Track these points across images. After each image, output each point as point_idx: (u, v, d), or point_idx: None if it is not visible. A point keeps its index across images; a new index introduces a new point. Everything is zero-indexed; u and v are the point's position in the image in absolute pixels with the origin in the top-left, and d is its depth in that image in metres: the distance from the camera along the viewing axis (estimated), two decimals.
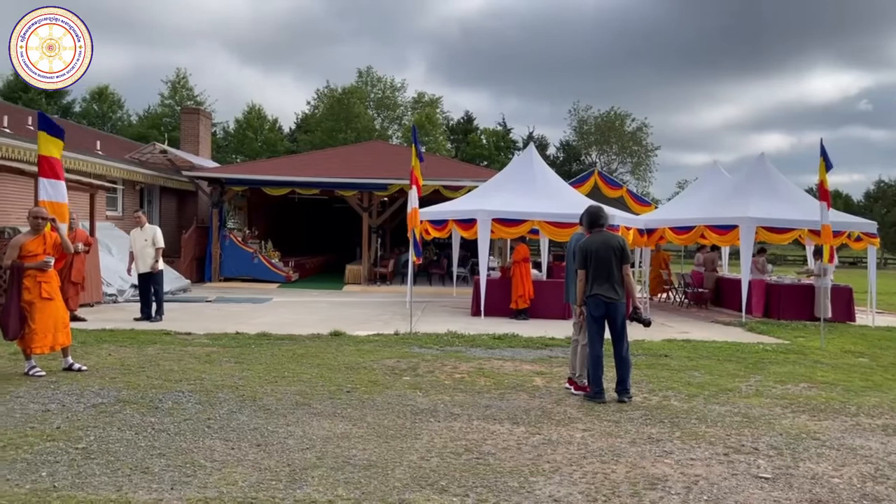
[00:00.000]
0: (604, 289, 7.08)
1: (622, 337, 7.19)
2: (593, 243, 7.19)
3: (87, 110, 49.15)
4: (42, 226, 7.98)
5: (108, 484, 4.51)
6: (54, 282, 7.83)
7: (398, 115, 58.06)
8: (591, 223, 7.34)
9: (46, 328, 7.64)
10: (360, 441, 5.55)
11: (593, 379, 7.15)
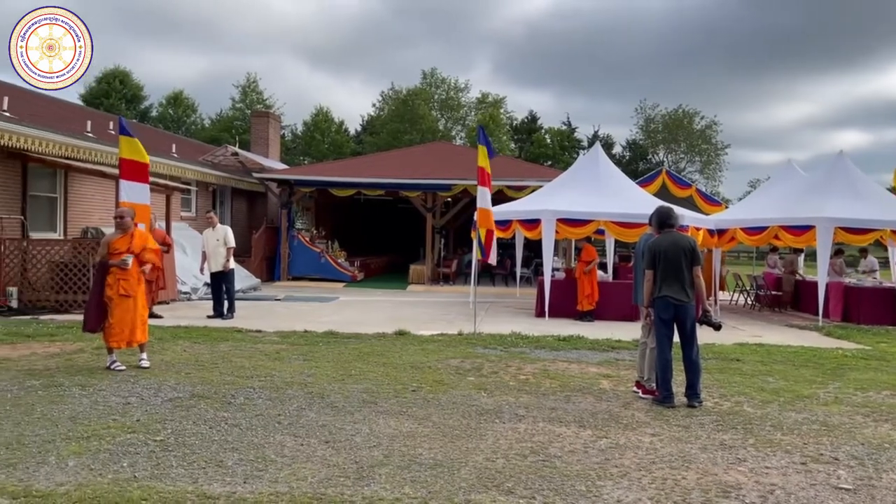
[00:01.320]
0: (673, 290, 6.93)
1: (692, 340, 7.02)
2: (663, 244, 7.05)
3: (163, 114, 51.03)
4: (125, 225, 8.28)
5: (185, 476, 4.67)
6: (133, 280, 8.10)
7: (462, 115, 58.17)
8: (660, 223, 7.20)
9: (123, 323, 7.97)
10: (425, 440, 5.59)
11: (662, 383, 7.00)
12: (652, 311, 7.09)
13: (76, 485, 4.43)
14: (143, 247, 8.22)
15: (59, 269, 13.10)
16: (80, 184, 15.21)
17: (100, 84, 46.93)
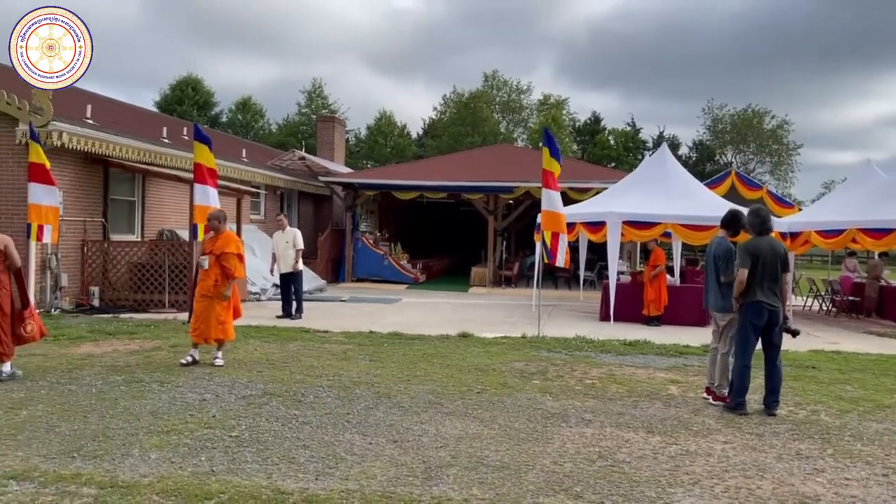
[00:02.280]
0: (767, 296, 6.76)
1: (778, 346, 6.86)
2: (763, 247, 6.86)
3: (232, 120, 52.54)
4: (212, 227, 8.62)
5: (259, 471, 4.82)
6: (209, 281, 8.41)
7: (524, 117, 57.95)
8: (759, 227, 7.00)
9: (199, 321, 8.35)
10: (492, 442, 5.61)
11: (739, 390, 6.83)
12: (737, 315, 6.94)
13: (158, 477, 4.62)
14: (222, 250, 8.46)
15: (137, 270, 13.66)
16: (156, 187, 15.82)
17: (173, 91, 48.68)
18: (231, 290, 8.46)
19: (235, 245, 8.58)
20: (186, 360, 8.29)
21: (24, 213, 11.73)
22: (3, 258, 7.48)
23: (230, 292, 8.44)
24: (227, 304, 8.49)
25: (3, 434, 5.45)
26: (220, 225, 8.63)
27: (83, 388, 7.02)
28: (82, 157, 13.44)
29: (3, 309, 7.40)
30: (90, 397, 6.66)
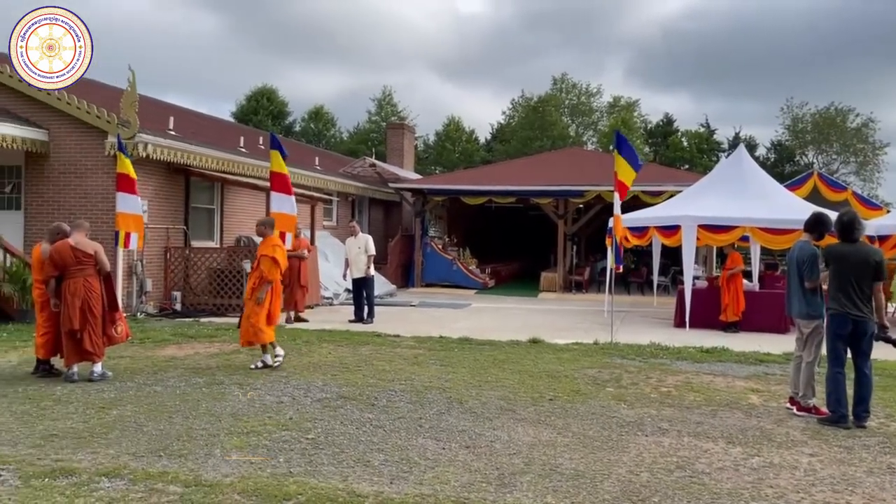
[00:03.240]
0: (851, 306, 6.47)
1: (867, 355, 6.55)
2: (849, 254, 6.58)
3: (305, 129, 53.76)
4: (262, 232, 8.86)
5: (335, 474, 4.90)
6: (249, 285, 8.77)
7: (593, 120, 57.19)
8: (846, 233, 6.72)
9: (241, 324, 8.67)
10: (565, 450, 5.55)
11: (835, 402, 6.53)
12: (821, 324, 6.67)
13: (239, 477, 4.76)
14: (259, 253, 8.70)
15: (217, 275, 14.13)
16: (234, 195, 16.34)
17: (249, 102, 50.18)
18: (265, 293, 8.50)
19: (272, 248, 8.63)
20: (257, 364, 8.51)
21: (112, 221, 12.31)
22: (94, 263, 7.87)
23: (264, 296, 8.49)
24: (259, 308, 8.51)
25: (95, 433, 5.73)
26: (265, 230, 8.86)
27: (168, 390, 7.31)
28: (165, 167, 14.02)
29: (94, 312, 7.79)
30: (174, 398, 6.92)
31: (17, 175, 13.61)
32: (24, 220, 13.50)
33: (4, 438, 5.55)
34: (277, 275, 8.62)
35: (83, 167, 13.22)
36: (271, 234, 8.93)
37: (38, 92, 13.01)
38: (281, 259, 8.64)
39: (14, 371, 8.21)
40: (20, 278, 11.58)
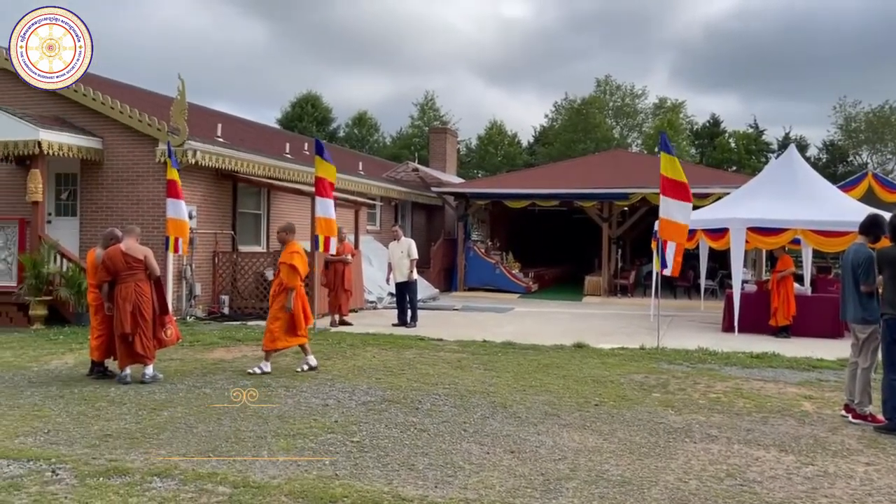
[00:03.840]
0: None
1: None
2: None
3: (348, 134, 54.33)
4: (283, 239, 8.94)
5: (381, 477, 4.92)
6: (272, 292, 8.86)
7: (638, 122, 56.50)
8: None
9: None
10: (611, 456, 5.48)
11: (891, 409, 6.32)
12: (878, 329, 6.46)
13: (286, 479, 4.82)
14: (279, 262, 8.76)
15: (263, 279, 14.35)
16: (280, 200, 16.60)
17: (294, 108, 50.94)
18: (291, 301, 8.42)
19: (290, 255, 8.58)
20: (302, 367, 8.61)
21: (163, 226, 12.61)
22: (144, 268, 8.07)
23: (290, 304, 8.42)
24: (283, 315, 8.48)
25: (147, 433, 5.87)
26: (285, 236, 8.89)
27: (216, 392, 7.45)
28: (213, 174, 14.32)
29: (145, 315, 7.99)
30: (223, 400, 7.05)
31: (73, 182, 14.05)
32: (79, 225, 13.92)
33: (62, 438, 5.72)
34: (297, 281, 8.51)
35: (135, 174, 13.58)
36: (292, 239, 8.90)
37: (93, 102, 13.43)
38: (299, 265, 8.54)
39: (70, 373, 8.47)
40: (76, 282, 11.94)
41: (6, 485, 4.65)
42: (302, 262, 8.63)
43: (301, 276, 8.58)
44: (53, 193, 13.99)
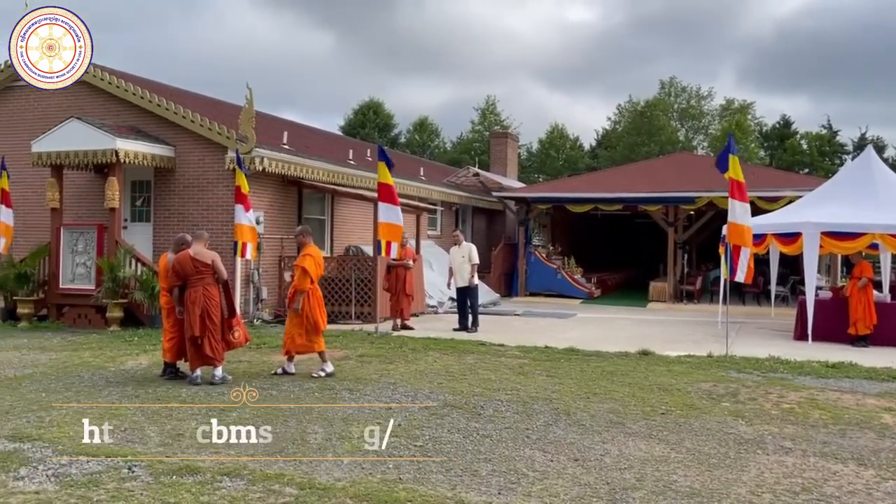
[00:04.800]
0: None
1: None
2: None
3: (410, 140, 54.81)
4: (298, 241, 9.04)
5: (444, 482, 4.93)
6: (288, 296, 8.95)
7: (704, 124, 55.16)
8: None
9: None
10: (679, 466, 5.34)
11: None
12: None
13: (351, 481, 4.88)
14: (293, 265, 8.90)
15: (327, 284, 14.56)
16: (343, 206, 16.86)
17: (356, 115, 51.71)
18: (300, 303, 8.53)
19: (301, 258, 8.69)
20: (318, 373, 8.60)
21: (231, 231, 12.97)
22: (212, 272, 8.30)
23: (299, 305, 8.54)
24: (296, 318, 8.60)
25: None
26: (301, 239, 9.01)
27: (283, 394, 7.60)
28: (280, 180, 14.65)
29: (213, 318, 8.21)
30: (289, 402, 7.19)
31: (147, 189, 14.60)
32: (152, 231, 14.45)
33: (137, 437, 5.93)
34: (306, 284, 8.58)
35: (205, 181, 14.01)
36: (308, 242, 8.96)
37: (166, 111, 13.93)
38: (310, 268, 8.60)
39: (144, 373, 8.78)
40: (149, 286, 12.38)
41: (85, 480, 4.84)
42: (312, 265, 8.70)
43: (312, 278, 8.65)
44: (129, 200, 14.56)
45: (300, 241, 9.10)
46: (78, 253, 13.50)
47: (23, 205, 14.61)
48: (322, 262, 9.03)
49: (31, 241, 14.55)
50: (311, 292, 8.67)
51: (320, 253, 9.10)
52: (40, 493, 4.64)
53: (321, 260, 9.01)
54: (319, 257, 8.98)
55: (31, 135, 13.96)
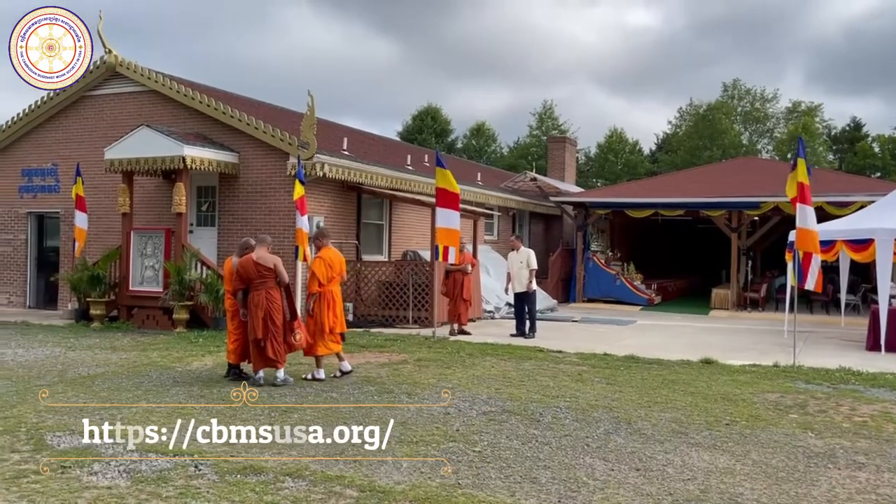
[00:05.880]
0: None
1: None
2: None
3: (467, 145, 54.93)
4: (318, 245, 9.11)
5: (503, 488, 4.91)
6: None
7: (769, 127, 53.61)
8: None
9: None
10: (745, 479, 5.19)
11: None
12: None
13: (410, 485, 4.90)
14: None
15: (385, 288, 14.74)
16: (401, 211, 17.00)
17: (414, 121, 52.14)
18: (311, 305, 8.68)
19: (315, 261, 8.83)
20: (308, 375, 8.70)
21: (293, 236, 13.22)
22: (274, 276, 8.47)
23: (310, 307, 8.70)
24: (309, 320, 8.76)
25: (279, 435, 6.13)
26: (319, 242, 9.11)
27: (342, 396, 7.70)
28: (339, 185, 14.87)
29: (275, 321, 8.37)
30: (348, 404, 7.27)
31: (212, 195, 15.02)
32: (217, 235, 14.85)
33: (202, 436, 6.07)
34: (314, 286, 8.68)
35: (268, 186, 14.33)
36: (325, 245, 9.02)
37: (231, 118, 14.31)
38: (317, 270, 8.70)
39: (210, 374, 9.02)
40: (214, 289, 12.72)
41: (155, 477, 5.01)
42: (322, 268, 8.74)
43: (320, 281, 8.70)
44: (195, 205, 15.00)
45: (316, 244, 9.23)
46: (146, 256, 13.97)
47: (96, 209, 15.22)
48: (336, 264, 8.94)
49: (104, 245, 15.14)
50: (321, 295, 8.74)
51: (336, 255, 9.07)
52: (112, 488, 4.82)
53: (335, 262, 8.93)
54: (334, 259, 8.93)
55: (104, 142, 14.56)
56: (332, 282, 8.87)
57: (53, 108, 16.46)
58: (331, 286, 8.84)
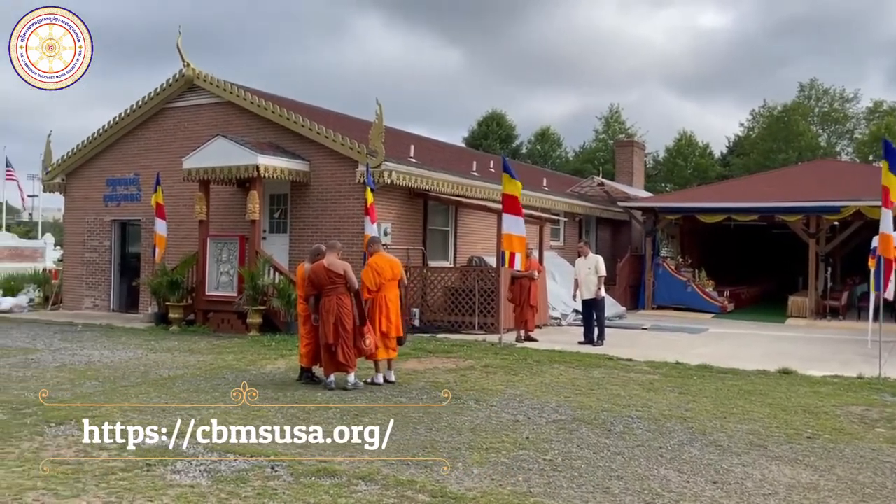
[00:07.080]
0: None
1: None
2: None
3: (531, 150, 54.65)
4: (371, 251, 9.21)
5: (575, 497, 4.86)
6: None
7: (848, 129, 51.41)
8: None
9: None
10: (830, 495, 5.00)
11: None
12: None
13: (481, 492, 4.91)
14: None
15: (451, 294, 14.79)
16: (466, 217, 17.06)
17: (480, 127, 52.22)
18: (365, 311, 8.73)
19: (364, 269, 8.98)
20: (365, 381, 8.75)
21: (361, 242, 13.41)
22: (345, 282, 8.61)
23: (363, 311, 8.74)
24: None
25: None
26: (371, 248, 9.25)
27: (411, 400, 7.78)
28: (406, 192, 15.04)
29: (346, 326, 8.51)
30: (417, 410, 7.33)
31: (284, 202, 15.40)
32: (289, 241, 15.22)
33: (278, 437, 6.22)
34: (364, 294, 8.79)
35: (337, 194, 14.61)
36: (377, 250, 9.18)
37: (302, 128, 14.66)
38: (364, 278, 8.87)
39: (283, 377, 9.25)
40: (286, 294, 13.03)
41: (234, 477, 5.16)
42: (369, 275, 8.88)
43: (368, 288, 8.80)
44: (268, 212, 15.41)
45: (367, 251, 9.39)
46: (222, 262, 14.42)
47: (174, 217, 15.81)
48: (386, 270, 9.03)
49: (181, 251, 15.70)
50: (374, 300, 8.86)
51: (387, 261, 9.15)
52: (194, 486, 4.99)
53: (385, 268, 9.02)
54: (383, 265, 9.03)
55: (182, 152, 15.12)
56: (383, 287, 8.97)
57: (135, 120, 17.20)
58: (383, 292, 8.96)
